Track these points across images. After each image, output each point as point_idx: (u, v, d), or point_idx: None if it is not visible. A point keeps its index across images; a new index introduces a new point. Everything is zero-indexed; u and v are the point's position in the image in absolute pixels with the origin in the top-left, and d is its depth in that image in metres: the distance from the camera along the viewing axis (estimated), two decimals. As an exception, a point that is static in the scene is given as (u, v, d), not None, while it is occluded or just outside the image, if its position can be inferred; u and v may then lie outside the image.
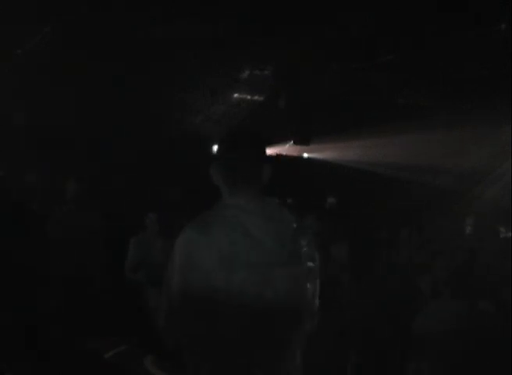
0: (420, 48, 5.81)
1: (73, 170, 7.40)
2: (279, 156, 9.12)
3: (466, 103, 6.77)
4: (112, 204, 6.05)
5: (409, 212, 5.96)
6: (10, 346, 1.03)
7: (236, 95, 8.20)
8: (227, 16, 5.60)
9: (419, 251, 4.54)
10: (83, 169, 6.58)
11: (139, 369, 1.64)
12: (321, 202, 7.77)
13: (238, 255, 1.66)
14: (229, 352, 1.66)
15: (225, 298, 1.63)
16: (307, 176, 8.69)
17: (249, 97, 8.25)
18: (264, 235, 1.71)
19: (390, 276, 4.06)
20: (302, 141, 8.54)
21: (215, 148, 9.02)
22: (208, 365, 1.68)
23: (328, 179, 8.56)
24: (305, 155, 9.90)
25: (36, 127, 6.61)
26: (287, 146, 9.18)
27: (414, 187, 7.46)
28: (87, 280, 4.10)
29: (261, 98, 8.28)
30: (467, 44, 5.62)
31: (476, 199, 6.18)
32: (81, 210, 4.53)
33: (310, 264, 1.78)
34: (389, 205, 7.00)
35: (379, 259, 4.57)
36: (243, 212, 1.73)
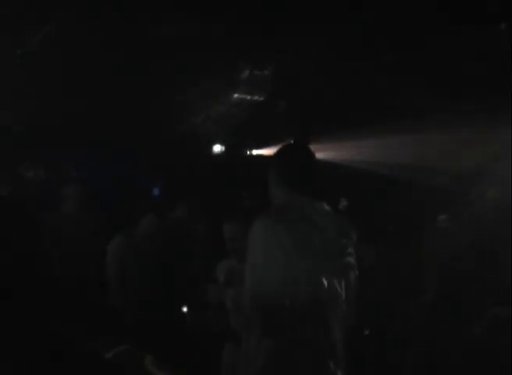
0: (419, 48, 5.82)
1: (72, 171, 7.42)
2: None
3: (465, 103, 6.76)
4: (111, 204, 6.06)
5: (408, 212, 5.95)
6: (10, 346, 1.04)
7: (236, 95, 8.19)
8: (227, 15, 5.60)
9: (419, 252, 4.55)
10: (82, 168, 6.59)
11: (139, 369, 1.65)
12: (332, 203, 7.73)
13: (313, 245, 1.89)
14: (293, 331, 1.82)
15: (301, 283, 1.83)
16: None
17: (249, 97, 8.25)
18: (330, 229, 1.97)
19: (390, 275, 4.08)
20: (302, 140, 8.51)
21: (216, 148, 9.08)
22: (269, 341, 1.83)
23: (327, 178, 8.55)
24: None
25: (35, 127, 6.61)
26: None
27: (413, 188, 7.45)
28: (87, 280, 4.11)
29: (261, 98, 8.27)
30: (467, 44, 5.62)
31: (476, 199, 6.17)
32: (81, 210, 4.52)
33: (352, 258, 2.03)
34: (388, 206, 7.00)
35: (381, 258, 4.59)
36: (310, 208, 1.99)
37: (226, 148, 9.31)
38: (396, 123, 7.17)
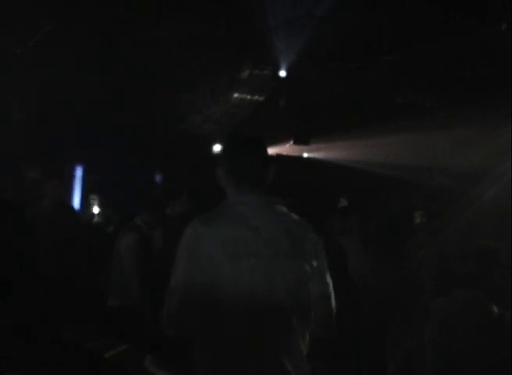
0: (420, 47, 5.82)
1: (70, 170, 7.41)
2: (279, 157, 9.10)
3: (466, 103, 6.76)
4: (110, 203, 6.07)
5: (408, 212, 5.95)
6: (10, 346, 1.04)
7: (236, 95, 8.19)
8: (227, 16, 5.61)
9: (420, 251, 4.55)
10: (82, 168, 6.58)
11: (139, 369, 1.65)
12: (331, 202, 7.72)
13: (242, 246, 1.75)
14: (231, 340, 1.72)
15: (230, 286, 1.71)
16: (307, 175, 8.70)
17: (249, 97, 8.24)
18: (267, 228, 1.80)
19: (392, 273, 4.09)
20: (302, 140, 8.54)
21: (216, 148, 9.08)
22: (209, 353, 1.73)
23: (328, 178, 8.56)
24: (305, 155, 9.91)
25: (35, 126, 6.61)
26: (287, 146, 9.18)
27: (413, 187, 7.45)
28: (84, 280, 4.10)
29: (261, 98, 8.27)
30: (467, 44, 5.62)
31: (476, 199, 6.18)
32: (58, 209, 4.44)
33: (312, 257, 1.86)
34: (388, 205, 7.00)
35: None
36: (247, 207, 1.83)
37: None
38: (396, 123, 7.18)
